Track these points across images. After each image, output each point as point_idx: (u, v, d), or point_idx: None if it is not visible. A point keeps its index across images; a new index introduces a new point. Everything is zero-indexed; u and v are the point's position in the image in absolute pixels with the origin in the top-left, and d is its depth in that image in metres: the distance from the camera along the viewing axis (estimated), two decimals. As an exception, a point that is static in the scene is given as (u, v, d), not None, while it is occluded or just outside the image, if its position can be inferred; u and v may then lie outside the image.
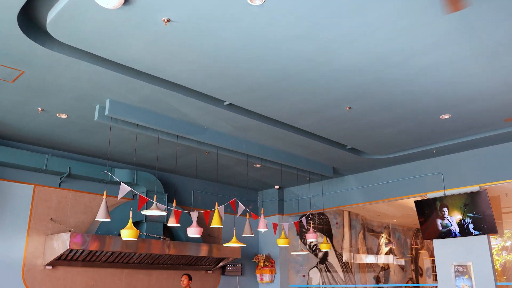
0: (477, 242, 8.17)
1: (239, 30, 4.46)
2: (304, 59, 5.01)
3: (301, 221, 8.85)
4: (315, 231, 8.79)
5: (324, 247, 9.11)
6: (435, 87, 5.80)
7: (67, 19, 4.29)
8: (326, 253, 11.79)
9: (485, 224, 8.01)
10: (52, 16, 4.31)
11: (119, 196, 5.97)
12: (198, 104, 6.27)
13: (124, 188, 6.02)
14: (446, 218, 8.47)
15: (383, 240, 13.50)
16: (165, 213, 6.35)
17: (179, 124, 6.83)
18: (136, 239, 8.06)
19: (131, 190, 6.12)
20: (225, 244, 7.85)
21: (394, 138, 7.81)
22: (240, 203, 7.50)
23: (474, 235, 8.13)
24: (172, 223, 6.60)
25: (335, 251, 12.01)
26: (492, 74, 5.46)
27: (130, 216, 6.16)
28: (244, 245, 7.84)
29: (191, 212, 6.81)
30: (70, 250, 7.53)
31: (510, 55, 5.01)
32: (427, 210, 8.79)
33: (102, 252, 7.92)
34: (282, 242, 8.27)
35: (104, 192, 6.00)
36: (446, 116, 6.80)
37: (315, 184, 10.61)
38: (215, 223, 6.95)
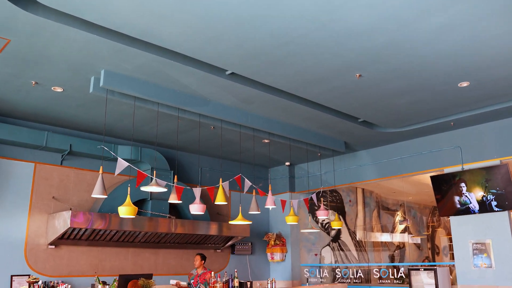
0: (497, 219, 7.76)
1: (235, -13, 4.06)
2: (307, 19, 4.59)
3: (311, 198, 8.51)
4: (326, 208, 8.44)
5: (336, 224, 8.78)
6: (452, 51, 5.33)
7: (47, -23, 3.95)
8: (339, 231, 11.47)
9: (507, 200, 7.58)
10: (31, -25, 3.96)
11: (116, 172, 5.70)
12: (198, 74, 5.91)
13: (122, 164, 5.73)
14: (464, 194, 8.05)
15: (398, 218, 13.10)
16: (165, 189, 6.06)
17: (179, 96, 6.49)
18: (135, 217, 7.83)
19: (129, 165, 5.83)
20: (230, 222, 7.56)
21: (408, 109, 7.37)
22: (246, 179, 7.18)
23: (495, 211, 7.71)
24: (173, 199, 6.31)
25: (348, 229, 11.67)
26: (516, 34, 4.99)
27: (128, 192, 5.88)
28: (250, 222, 7.55)
29: (194, 189, 6.51)
30: (73, 229, 7.33)
31: (536, 11, 4.53)
32: (443, 186, 8.37)
33: (106, 231, 7.71)
34: (290, 220, 7.95)
35: (100, 167, 5.73)
36: (465, 84, 6.33)
37: (327, 161, 10.23)
38: (220, 200, 6.66)
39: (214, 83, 6.19)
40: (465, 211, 8.05)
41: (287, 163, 10.88)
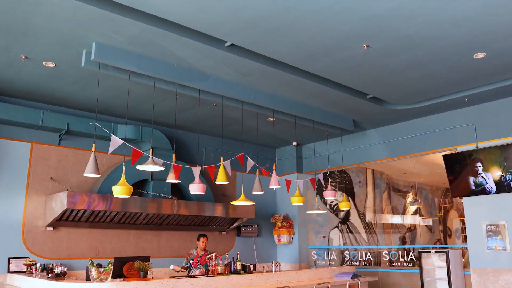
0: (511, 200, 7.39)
1: None
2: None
3: (318, 178, 8.18)
4: (334, 189, 8.11)
5: (344, 205, 8.46)
6: (468, 18, 4.91)
7: None
8: (348, 213, 11.15)
9: (523, 179, 7.20)
10: None
11: (110, 149, 5.42)
12: (195, 46, 5.56)
13: (116, 141, 5.44)
14: (480, 174, 7.66)
15: (409, 199, 12.74)
16: (162, 168, 5.77)
17: (176, 70, 6.15)
18: (136, 198, 7.65)
19: (124, 143, 5.54)
20: (232, 202, 7.28)
21: (420, 84, 6.96)
22: (249, 158, 6.87)
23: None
24: (171, 179, 6.03)
25: (358, 211, 11.35)
26: (539, -3, 4.56)
27: (123, 171, 5.60)
28: (253, 203, 7.26)
29: (193, 168, 6.21)
30: (71, 211, 7.11)
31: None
32: (457, 165, 7.98)
33: (106, 212, 7.48)
34: (296, 200, 7.64)
35: (93, 145, 5.48)
36: (481, 55, 5.91)
37: (335, 140, 9.88)
38: (221, 180, 6.37)
39: (213, 55, 5.84)
40: (480, 191, 7.67)
41: (294, 143, 10.55)
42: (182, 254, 8.80)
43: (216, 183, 6.41)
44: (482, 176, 7.65)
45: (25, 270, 6.94)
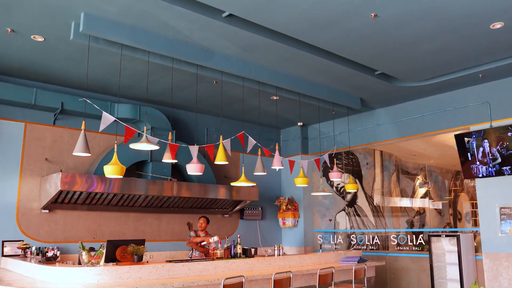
0: (529, 181, 7.02)
1: None
2: None
3: (324, 159, 7.84)
4: (340, 170, 7.77)
5: (350, 187, 8.13)
6: (486, -20, 4.52)
7: None
8: (355, 196, 10.83)
9: (540, 159, 6.81)
10: None
11: (101, 127, 5.11)
12: (190, 16, 5.19)
13: (107, 119, 5.14)
14: (494, 154, 7.27)
15: (418, 182, 12.38)
16: (157, 147, 5.46)
17: (172, 43, 5.79)
18: (135, 179, 7.37)
19: (115, 120, 5.23)
20: (232, 183, 6.97)
21: (431, 59, 6.55)
22: (250, 137, 6.54)
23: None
24: (167, 159, 5.72)
25: (365, 193, 11.02)
26: None
27: (115, 150, 5.31)
28: (254, 184, 6.94)
29: (191, 147, 5.90)
30: (67, 192, 6.86)
31: None
32: (469, 145, 7.60)
33: (103, 194, 7.22)
34: (300, 182, 7.32)
35: (83, 123, 5.18)
36: (498, 26, 5.49)
37: (341, 120, 9.51)
38: (220, 159, 6.06)
39: (210, 27, 5.47)
40: (493, 173, 7.29)
41: (299, 124, 10.19)
42: (184, 238, 8.55)
43: (215, 163, 6.10)
44: (496, 157, 7.28)
45: (20, 253, 6.73)
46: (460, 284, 7.37)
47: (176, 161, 6.07)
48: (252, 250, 6.53)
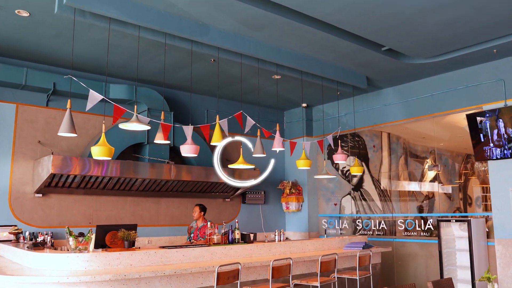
0: (544, 162, 6.64)
1: None
2: None
3: (328, 141, 7.49)
4: (344, 152, 7.43)
5: (355, 170, 7.80)
6: None
7: None
8: (361, 179, 10.49)
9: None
10: None
11: (87, 107, 4.81)
12: (182, -13, 4.84)
13: (94, 97, 4.82)
14: (509, 135, 6.89)
15: (427, 165, 11.99)
16: (148, 127, 5.15)
17: (164, 17, 5.44)
18: (131, 162, 7.08)
19: (103, 98, 4.92)
20: (230, 166, 6.66)
21: (442, 32, 6.14)
22: (248, 117, 6.20)
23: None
24: (159, 139, 5.42)
25: (372, 177, 10.67)
26: None
27: (103, 130, 5.02)
28: (253, 166, 6.63)
29: (185, 127, 5.58)
30: (60, 176, 6.60)
31: None
32: (482, 125, 7.21)
33: (98, 177, 6.96)
34: (302, 164, 7.00)
35: (68, 101, 4.86)
36: (515, -6, 5.08)
37: (346, 101, 9.14)
38: (216, 140, 5.75)
39: (204, -1, 5.12)
40: (510, 154, 6.91)
41: (303, 105, 9.83)
42: (183, 223, 8.31)
43: (211, 143, 5.79)
44: (511, 138, 6.89)
45: (13, 239, 6.50)
46: (471, 271, 7.04)
47: (168, 142, 5.76)
48: (251, 235, 6.24)
